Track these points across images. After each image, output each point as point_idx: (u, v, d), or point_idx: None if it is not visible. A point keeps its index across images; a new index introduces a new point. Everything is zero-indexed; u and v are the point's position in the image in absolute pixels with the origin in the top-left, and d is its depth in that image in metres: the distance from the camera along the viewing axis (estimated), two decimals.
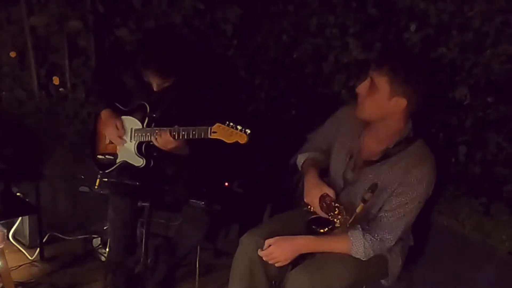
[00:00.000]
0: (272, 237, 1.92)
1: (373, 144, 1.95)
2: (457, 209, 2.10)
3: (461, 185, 2.16)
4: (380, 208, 1.89)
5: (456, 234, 2.08)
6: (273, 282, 2.02)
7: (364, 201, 1.75)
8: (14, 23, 2.89)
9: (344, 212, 1.80)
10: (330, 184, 1.95)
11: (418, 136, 1.91)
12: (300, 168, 2.14)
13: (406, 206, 1.84)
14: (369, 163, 1.92)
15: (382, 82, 1.78)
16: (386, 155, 1.89)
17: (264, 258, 1.91)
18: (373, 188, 1.73)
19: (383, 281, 2.03)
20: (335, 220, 1.84)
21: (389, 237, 1.86)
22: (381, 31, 2.40)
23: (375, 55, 2.38)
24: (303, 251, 1.91)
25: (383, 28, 2.40)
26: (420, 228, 2.11)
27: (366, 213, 1.89)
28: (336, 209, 1.83)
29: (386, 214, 1.87)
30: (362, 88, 1.85)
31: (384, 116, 1.85)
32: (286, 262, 1.90)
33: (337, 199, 1.88)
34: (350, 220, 1.78)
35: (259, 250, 1.91)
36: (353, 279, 1.86)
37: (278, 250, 1.88)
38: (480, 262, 2.00)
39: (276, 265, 1.90)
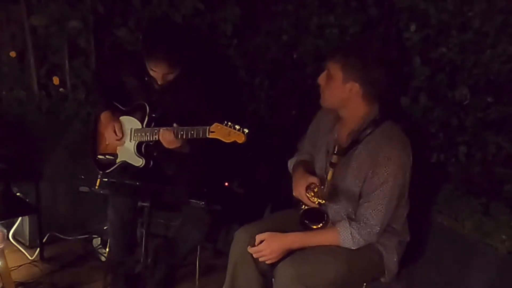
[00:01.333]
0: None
1: (344, 134, 1.99)
2: (457, 209, 2.10)
3: (461, 185, 2.16)
4: (359, 195, 1.91)
5: (456, 234, 2.08)
6: (272, 279, 2.03)
7: (332, 165, 1.80)
8: (14, 23, 2.90)
9: (320, 184, 1.86)
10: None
11: (388, 118, 1.94)
12: (291, 172, 2.16)
13: (382, 187, 1.85)
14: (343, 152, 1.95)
15: (336, 69, 1.87)
16: (354, 141, 1.93)
17: (254, 255, 1.93)
18: (338, 151, 1.79)
19: (382, 279, 2.03)
20: (313, 194, 1.87)
21: (373, 222, 1.87)
22: (381, 31, 2.40)
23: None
24: (294, 248, 1.92)
25: (383, 28, 2.40)
26: (420, 227, 2.11)
27: (345, 192, 1.92)
28: (315, 187, 1.87)
29: (365, 199, 1.89)
30: (321, 78, 1.93)
31: (344, 103, 1.92)
32: (276, 260, 1.91)
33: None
34: (324, 188, 1.83)
35: (248, 247, 1.93)
36: (343, 270, 1.86)
37: (268, 249, 1.90)
38: (480, 262, 2.00)
39: (267, 262, 1.92)
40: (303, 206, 2.00)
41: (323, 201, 1.88)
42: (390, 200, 1.87)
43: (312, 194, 1.89)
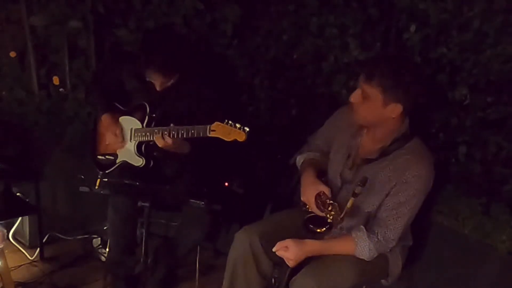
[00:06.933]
0: (267, 234, 1.95)
1: (370, 143, 1.96)
2: (457, 209, 2.10)
3: (461, 185, 2.16)
4: (380, 208, 1.89)
5: (456, 234, 2.08)
6: (273, 282, 2.02)
7: (354, 194, 1.77)
8: (14, 23, 2.90)
9: (337, 208, 1.81)
10: (327, 184, 1.95)
11: (416, 133, 1.92)
12: (299, 168, 2.14)
13: (406, 204, 1.85)
14: (366, 161, 1.93)
15: (374, 93, 1.79)
16: (383, 153, 1.90)
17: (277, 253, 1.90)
18: (363, 181, 1.75)
19: (383, 281, 2.04)
20: (328, 215, 1.84)
21: (392, 237, 1.87)
22: (381, 31, 2.41)
23: (375, 55, 2.38)
24: (311, 255, 1.90)
25: (383, 28, 2.40)
26: (420, 228, 2.11)
27: (362, 211, 1.90)
28: (330, 206, 1.83)
29: (387, 214, 1.87)
30: (355, 97, 1.85)
31: (382, 121, 1.86)
32: (295, 264, 1.89)
33: (333, 198, 1.88)
34: (342, 215, 1.79)
35: (275, 249, 1.89)
36: (357, 280, 1.86)
37: (287, 253, 1.87)
38: (480, 262, 2.00)
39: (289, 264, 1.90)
40: (307, 207, 2.00)
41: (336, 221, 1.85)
42: (410, 217, 1.88)
43: (329, 215, 1.83)
